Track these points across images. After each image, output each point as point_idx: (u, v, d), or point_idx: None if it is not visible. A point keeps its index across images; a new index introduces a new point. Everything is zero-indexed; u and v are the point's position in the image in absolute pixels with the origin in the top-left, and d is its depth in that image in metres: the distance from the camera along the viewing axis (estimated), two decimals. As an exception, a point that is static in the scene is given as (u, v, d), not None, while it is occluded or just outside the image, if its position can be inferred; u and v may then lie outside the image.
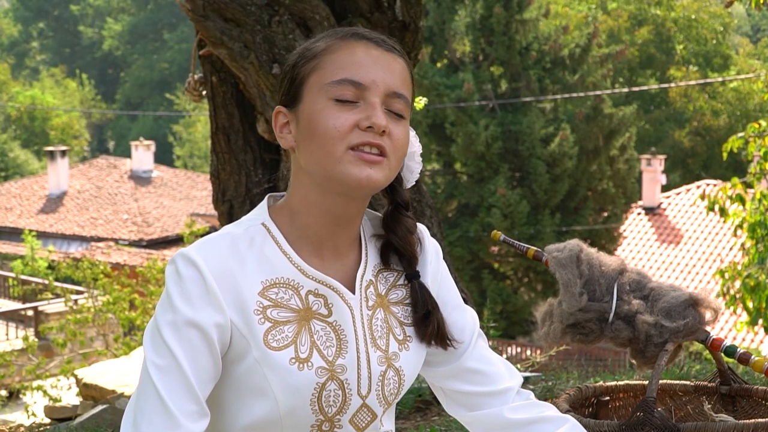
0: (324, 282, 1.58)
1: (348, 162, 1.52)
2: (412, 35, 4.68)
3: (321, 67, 1.56)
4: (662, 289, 2.02)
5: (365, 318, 1.61)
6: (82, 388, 8.25)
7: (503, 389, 1.72)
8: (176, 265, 1.52)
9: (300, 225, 1.59)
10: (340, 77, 1.54)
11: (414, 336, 1.65)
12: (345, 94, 1.54)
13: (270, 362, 1.52)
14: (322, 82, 1.55)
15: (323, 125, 1.53)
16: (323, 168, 1.54)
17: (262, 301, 1.54)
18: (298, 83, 1.58)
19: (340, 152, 1.52)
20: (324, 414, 1.55)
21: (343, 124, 1.53)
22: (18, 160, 41.83)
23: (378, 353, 1.60)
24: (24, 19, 55.56)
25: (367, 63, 1.56)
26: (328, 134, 1.53)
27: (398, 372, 1.62)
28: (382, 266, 1.66)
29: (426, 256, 1.71)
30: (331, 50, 1.57)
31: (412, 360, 1.65)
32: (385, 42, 1.60)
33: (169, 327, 1.49)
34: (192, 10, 4.44)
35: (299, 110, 1.57)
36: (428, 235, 1.73)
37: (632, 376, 4.54)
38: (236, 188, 4.76)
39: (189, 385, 1.47)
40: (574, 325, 2.05)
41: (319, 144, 1.53)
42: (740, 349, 1.96)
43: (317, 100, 1.55)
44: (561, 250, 2.09)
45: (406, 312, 1.66)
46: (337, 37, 1.59)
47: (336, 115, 1.53)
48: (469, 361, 1.71)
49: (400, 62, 1.60)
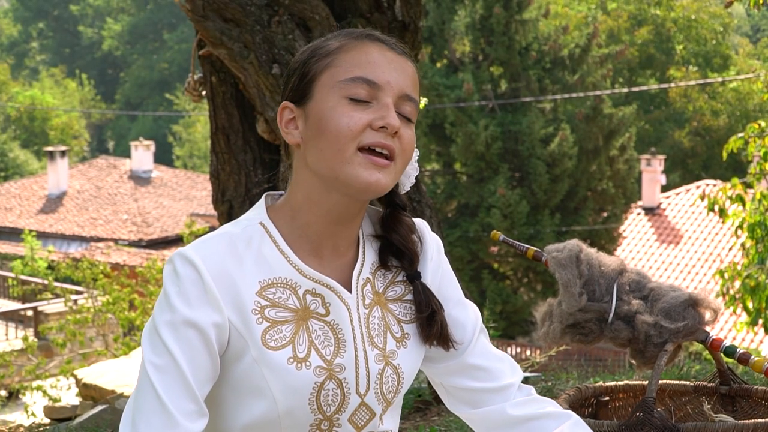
0: (321, 281, 1.58)
1: (357, 164, 1.52)
2: (412, 35, 4.68)
3: (335, 64, 1.56)
4: (662, 290, 2.02)
5: (362, 316, 1.60)
6: (81, 388, 8.25)
7: (505, 385, 1.72)
8: (174, 265, 1.52)
9: (300, 223, 1.59)
10: (355, 75, 1.54)
11: (415, 335, 1.65)
12: (359, 93, 1.53)
13: (268, 362, 1.52)
14: (336, 80, 1.55)
15: (335, 123, 1.52)
16: (331, 167, 1.53)
17: (260, 301, 1.54)
18: (309, 80, 1.57)
19: (350, 152, 1.52)
20: (323, 413, 1.55)
21: (356, 123, 1.52)
22: (18, 160, 41.83)
23: (375, 351, 1.60)
24: (24, 19, 55.55)
25: (382, 63, 1.56)
26: (340, 132, 1.52)
27: (396, 370, 1.62)
28: (379, 264, 1.66)
29: (427, 252, 1.70)
30: (346, 49, 1.57)
31: (411, 357, 1.65)
32: (397, 46, 1.61)
33: (167, 327, 1.48)
34: (192, 10, 4.44)
35: (309, 107, 1.57)
36: (429, 230, 1.73)
37: (632, 376, 4.54)
38: (236, 188, 4.76)
39: (187, 384, 1.47)
40: (573, 326, 2.05)
41: (329, 142, 1.53)
42: (740, 349, 1.96)
43: (329, 97, 1.54)
44: (560, 250, 2.09)
45: (404, 309, 1.66)
46: (352, 36, 1.59)
47: (349, 113, 1.53)
48: (471, 358, 1.72)
49: (411, 66, 1.61)
